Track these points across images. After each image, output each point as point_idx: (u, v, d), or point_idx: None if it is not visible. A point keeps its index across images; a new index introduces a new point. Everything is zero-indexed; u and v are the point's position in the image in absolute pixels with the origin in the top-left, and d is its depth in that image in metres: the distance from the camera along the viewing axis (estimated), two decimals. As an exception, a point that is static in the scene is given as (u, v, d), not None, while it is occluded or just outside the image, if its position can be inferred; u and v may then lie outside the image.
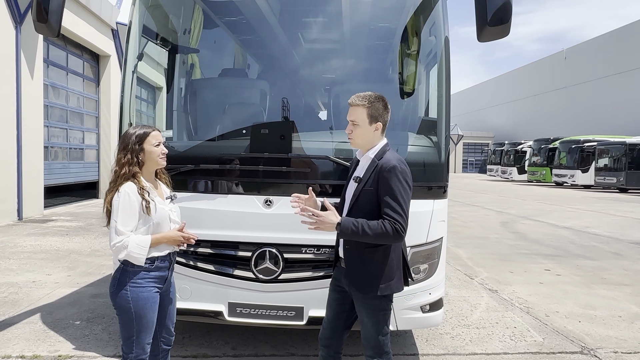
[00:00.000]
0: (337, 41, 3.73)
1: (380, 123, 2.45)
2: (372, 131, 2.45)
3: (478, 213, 14.53)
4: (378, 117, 2.44)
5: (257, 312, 3.25)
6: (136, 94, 3.65)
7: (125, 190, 2.35)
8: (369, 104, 2.41)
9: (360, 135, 2.46)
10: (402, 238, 2.35)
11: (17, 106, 9.62)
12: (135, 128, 2.47)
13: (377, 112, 2.43)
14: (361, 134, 2.45)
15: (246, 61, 4.19)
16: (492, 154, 44.21)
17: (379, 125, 2.45)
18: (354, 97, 2.45)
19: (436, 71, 3.49)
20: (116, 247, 2.32)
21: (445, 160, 3.41)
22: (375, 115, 2.43)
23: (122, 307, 2.39)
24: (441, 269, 3.41)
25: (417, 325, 3.42)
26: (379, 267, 2.44)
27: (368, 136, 2.46)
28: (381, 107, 2.44)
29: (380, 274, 2.43)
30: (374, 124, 2.43)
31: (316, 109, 3.51)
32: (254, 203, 3.22)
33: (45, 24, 2.92)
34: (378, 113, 2.43)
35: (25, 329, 4.06)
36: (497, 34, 2.76)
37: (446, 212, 3.49)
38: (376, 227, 2.29)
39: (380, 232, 2.28)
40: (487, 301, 5.26)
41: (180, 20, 3.85)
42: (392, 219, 2.30)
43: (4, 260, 6.45)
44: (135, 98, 3.64)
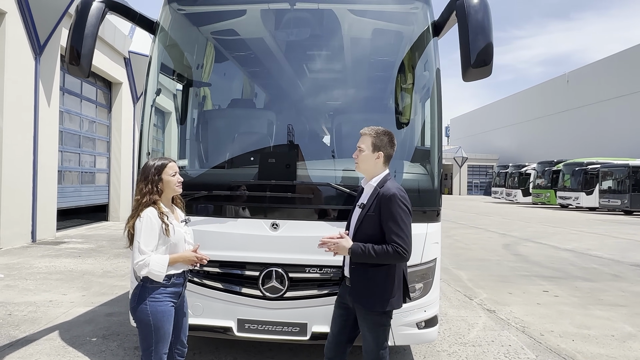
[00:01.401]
0: (337, 76, 4.08)
1: (382, 153, 2.76)
2: (374, 159, 2.76)
3: (481, 235, 14.68)
4: (381, 147, 2.75)
5: (264, 327, 3.50)
6: (154, 124, 3.99)
7: (148, 215, 2.64)
8: (375, 134, 2.76)
9: (363, 160, 2.79)
10: (405, 259, 2.62)
11: (34, 132, 10.05)
12: (154, 160, 2.78)
13: (381, 143, 2.75)
14: (364, 159, 2.78)
15: (254, 94, 4.54)
16: (497, 176, 44.39)
17: (380, 155, 2.76)
18: (365, 128, 2.82)
19: (429, 103, 3.80)
20: (139, 265, 2.60)
21: (439, 186, 3.69)
22: (378, 145, 2.75)
23: (142, 320, 2.66)
24: (435, 288, 3.65)
25: (413, 340, 3.63)
26: (381, 286, 2.70)
27: (370, 162, 2.77)
28: (386, 140, 2.76)
29: (383, 291, 2.70)
30: (376, 152, 2.75)
31: (319, 138, 3.82)
32: (262, 226, 3.50)
33: (78, 66, 3.27)
34: (382, 144, 2.75)
35: (46, 345, 4.30)
36: (480, 74, 3.07)
37: (440, 234, 3.75)
38: (380, 250, 2.59)
39: (384, 254, 2.58)
40: (484, 321, 5.45)
41: (194, 56, 4.24)
42: (395, 243, 2.59)
43: (22, 280, 6.73)
44: (154, 127, 3.98)
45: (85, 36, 3.27)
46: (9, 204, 9.34)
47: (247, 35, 4.23)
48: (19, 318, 5.06)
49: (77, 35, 3.27)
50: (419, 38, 3.82)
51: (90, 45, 3.29)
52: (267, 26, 4.00)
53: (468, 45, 3.03)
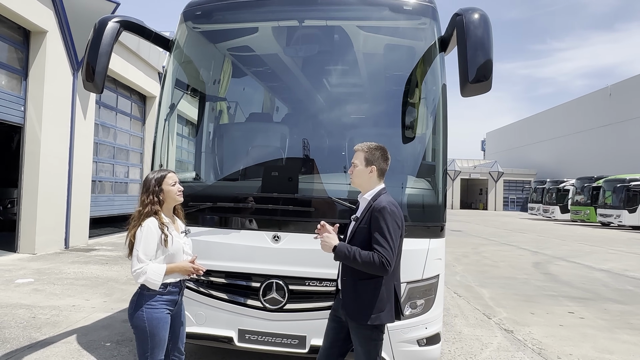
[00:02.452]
0: (341, 90, 4.13)
1: (374, 167, 2.78)
2: (367, 173, 2.79)
3: (511, 253, 14.25)
4: (373, 161, 2.78)
5: (264, 339, 3.54)
6: (167, 137, 4.14)
7: (148, 225, 2.75)
8: (367, 149, 2.80)
9: (357, 175, 2.83)
10: (386, 270, 2.61)
11: (70, 144, 10.57)
12: (153, 173, 2.90)
13: (373, 158, 2.78)
14: (358, 174, 2.82)
15: (260, 108, 4.65)
16: (534, 192, 43.02)
17: (373, 169, 2.78)
18: (359, 144, 2.86)
19: (434, 118, 3.79)
20: (136, 273, 2.70)
21: (443, 201, 3.65)
22: (370, 160, 2.78)
23: (138, 326, 2.75)
24: (438, 305, 3.60)
25: (414, 358, 3.57)
26: (370, 299, 2.71)
27: (364, 177, 2.81)
28: (378, 154, 2.79)
29: (372, 305, 2.70)
30: (369, 166, 2.79)
31: (322, 152, 3.87)
32: (263, 238, 3.56)
33: (92, 82, 3.46)
34: (374, 158, 2.78)
35: (62, 348, 4.49)
36: (479, 89, 3.05)
37: (443, 250, 3.70)
38: (365, 256, 2.60)
39: (368, 260, 2.59)
40: (499, 341, 5.29)
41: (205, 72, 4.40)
42: (379, 253, 2.59)
43: (50, 285, 7.04)
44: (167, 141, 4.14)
45: (100, 54, 3.46)
46: (45, 211, 9.82)
47: (258, 51, 4.35)
48: (41, 321, 5.29)
49: (93, 53, 3.46)
50: (426, 53, 3.84)
51: (104, 63, 3.48)
52: (276, 43, 4.11)
53: (466, 61, 3.03)
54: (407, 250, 3.33)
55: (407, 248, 3.36)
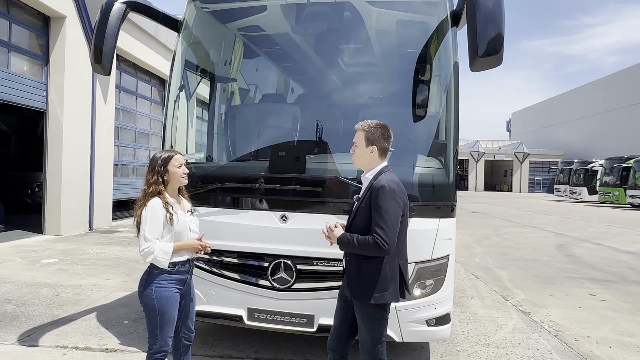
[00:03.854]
0: (353, 69, 4.05)
1: (375, 147, 2.72)
2: (368, 153, 2.74)
3: (535, 235, 13.99)
4: (374, 141, 2.72)
5: (272, 317, 3.57)
6: (177, 118, 4.16)
7: (153, 205, 2.78)
8: (367, 128, 2.73)
9: (358, 155, 2.78)
10: (384, 251, 2.57)
11: (91, 128, 10.77)
12: (160, 152, 2.91)
13: (373, 137, 2.72)
14: (359, 154, 2.78)
15: (266, 87, 4.61)
16: (560, 173, 41.97)
17: (374, 149, 2.73)
18: (358, 123, 2.80)
19: (445, 96, 3.70)
20: (144, 252, 2.74)
21: (454, 181, 3.58)
22: (371, 139, 2.72)
23: (148, 304, 2.81)
24: (448, 285, 3.56)
25: (423, 338, 3.56)
26: (373, 278, 2.68)
27: (364, 157, 2.75)
28: (378, 133, 2.73)
29: (375, 284, 2.68)
30: (370, 146, 2.73)
31: (329, 131, 3.81)
32: (271, 218, 3.57)
33: (100, 64, 3.48)
34: (374, 137, 2.72)
35: (82, 325, 4.64)
36: (488, 64, 2.94)
37: (454, 230, 3.64)
38: (363, 241, 2.59)
39: (366, 244, 2.57)
40: (515, 322, 5.22)
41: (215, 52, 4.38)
42: (375, 234, 2.56)
43: (73, 265, 7.27)
44: (177, 122, 4.16)
45: (107, 36, 3.48)
46: (69, 194, 10.09)
47: (267, 30, 4.30)
48: (64, 299, 5.48)
49: (100, 34, 3.48)
50: (438, 28, 3.72)
51: (111, 44, 3.49)
52: (285, 21, 4.04)
53: (476, 34, 2.92)
54: (416, 230, 3.31)
55: (416, 228, 3.33)
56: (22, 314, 4.93)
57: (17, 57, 9.15)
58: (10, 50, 8.94)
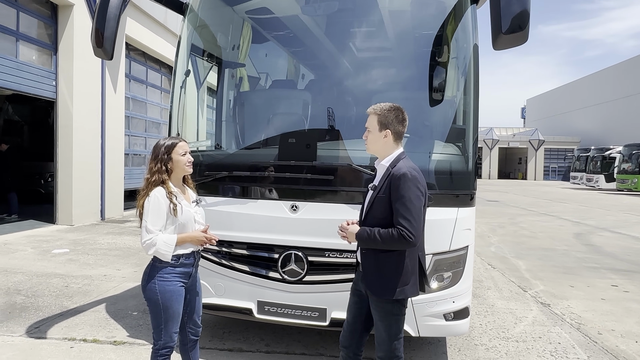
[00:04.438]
0: (366, 52, 3.84)
1: (389, 131, 2.54)
2: (382, 138, 2.55)
3: (551, 223, 13.69)
4: (388, 124, 2.54)
5: (283, 311, 3.44)
6: (183, 105, 4.02)
7: (155, 195, 2.64)
8: (380, 112, 2.54)
9: (371, 141, 2.60)
10: (410, 243, 2.41)
11: (101, 118, 10.71)
12: (164, 140, 2.77)
13: (387, 120, 2.53)
14: (372, 140, 2.59)
15: (275, 73, 4.42)
16: (577, 160, 41.17)
17: (387, 133, 2.54)
18: (371, 107, 2.60)
19: (465, 79, 3.49)
20: (146, 244, 2.61)
21: (473, 168, 3.39)
22: (384, 123, 2.53)
23: (151, 298, 2.68)
24: (467, 278, 3.38)
25: (440, 333, 3.41)
26: (393, 272, 2.52)
27: (378, 143, 2.57)
28: (392, 116, 2.54)
29: (395, 278, 2.52)
30: (383, 130, 2.54)
31: (340, 117, 3.64)
32: (281, 208, 3.42)
33: (101, 48, 3.34)
34: (387, 121, 2.53)
35: (91, 317, 4.57)
36: (513, 41, 2.73)
37: (473, 220, 3.46)
38: (386, 234, 2.41)
39: (390, 238, 2.40)
40: (535, 315, 5.03)
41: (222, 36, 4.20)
42: (400, 226, 2.38)
43: (84, 255, 7.23)
44: (183, 109, 4.02)
45: (109, 19, 3.32)
46: (80, 184, 10.07)
47: (277, 12, 4.11)
48: (74, 290, 5.42)
49: (101, 17, 3.32)
50: (456, 6, 3.51)
51: (113, 27, 3.33)
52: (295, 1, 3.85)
53: (499, 9, 2.70)
54: (433, 220, 3.13)
55: (434, 218, 3.16)
56: (32, 304, 4.88)
57: (25, 46, 9.08)
58: (18, 40, 8.86)
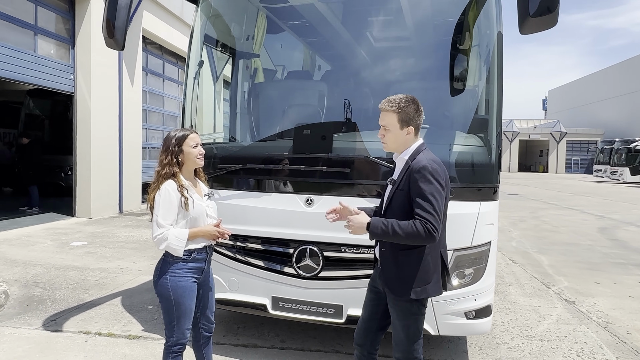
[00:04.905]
0: (384, 40, 3.70)
1: (412, 127, 2.41)
2: (404, 135, 2.42)
3: (574, 217, 13.33)
4: (409, 121, 2.40)
5: (298, 307, 3.36)
6: (197, 97, 3.94)
7: (166, 188, 2.57)
8: (399, 109, 2.39)
9: (392, 140, 2.45)
10: (434, 239, 2.28)
11: (119, 111, 10.75)
12: (175, 131, 2.69)
13: (408, 117, 2.39)
14: (393, 138, 2.44)
15: (290, 63, 4.31)
16: (600, 152, 40.13)
17: (410, 130, 2.41)
18: (384, 102, 2.44)
19: (487, 68, 3.33)
20: (157, 239, 2.54)
21: (496, 160, 3.24)
22: (406, 120, 2.40)
23: (163, 294, 2.62)
24: (489, 275, 3.25)
25: (461, 331, 3.28)
26: (414, 270, 2.40)
27: (400, 140, 2.44)
28: (412, 110, 2.40)
29: (416, 276, 2.39)
30: (405, 128, 2.40)
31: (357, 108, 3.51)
32: (296, 201, 3.32)
33: (113, 38, 3.27)
34: (409, 117, 2.39)
35: (107, 310, 4.56)
36: (542, 25, 2.56)
37: (496, 215, 3.31)
38: (407, 227, 2.26)
39: (412, 231, 2.24)
40: (559, 312, 4.86)
41: (235, 26, 4.09)
42: (422, 219, 2.25)
43: (101, 248, 7.27)
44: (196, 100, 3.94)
45: (119, 8, 3.26)
46: (98, 177, 10.15)
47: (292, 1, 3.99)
48: (90, 283, 5.44)
49: (112, 7, 3.26)
50: (479, -9, 3.33)
51: (124, 17, 3.27)
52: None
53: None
54: (454, 215, 3.00)
55: (455, 212, 3.02)
56: (49, 297, 4.90)
57: (44, 40, 9.14)
58: (36, 34, 8.92)
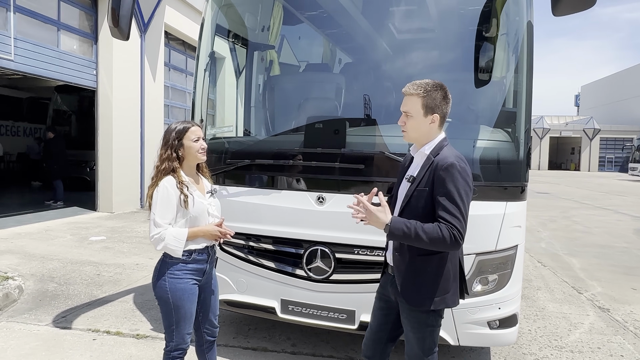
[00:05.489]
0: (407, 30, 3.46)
1: (437, 115, 2.17)
2: (428, 124, 2.18)
3: (608, 218, 12.72)
4: (435, 108, 2.16)
5: (308, 311, 3.17)
6: (207, 90, 3.80)
7: (164, 185, 2.42)
8: (425, 93, 2.15)
9: (413, 127, 2.21)
10: (458, 246, 2.05)
11: (140, 107, 10.78)
12: (176, 124, 2.53)
13: (434, 103, 2.16)
14: (415, 126, 2.20)
15: (302, 54, 4.11)
16: (637, 150, 38.53)
17: (435, 118, 2.17)
18: (409, 86, 2.21)
19: (516, 58, 3.06)
20: (154, 239, 2.40)
21: (525, 157, 2.97)
22: (431, 106, 2.16)
23: (161, 297, 2.47)
24: (515, 281, 2.99)
25: (483, 342, 3.03)
26: (432, 278, 2.18)
27: (423, 129, 2.20)
28: (439, 97, 2.16)
29: (435, 286, 2.17)
30: (429, 115, 2.17)
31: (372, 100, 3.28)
32: (307, 199, 3.13)
33: (117, 27, 3.15)
34: (435, 104, 2.16)
35: (118, 307, 4.49)
36: (577, 5, 2.29)
37: (524, 216, 3.05)
38: (432, 231, 2.02)
39: (437, 237, 2.02)
40: (592, 321, 4.53)
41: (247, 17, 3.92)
42: (448, 224, 2.02)
43: (119, 243, 7.26)
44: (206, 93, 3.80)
45: (124, -4, 3.12)
46: (120, 172, 10.20)
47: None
48: (105, 279, 5.39)
49: (117, -5, 3.12)
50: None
51: (128, 5, 3.14)
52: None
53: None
54: (477, 216, 2.76)
55: (478, 213, 2.78)
56: (62, 293, 4.87)
57: (67, 35, 9.21)
58: (59, 29, 8.99)
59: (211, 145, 3.25)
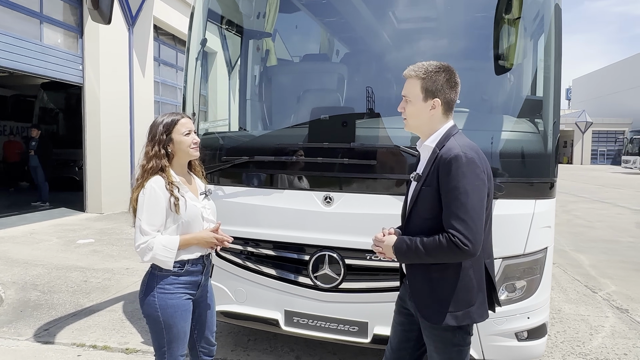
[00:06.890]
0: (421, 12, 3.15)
1: (438, 100, 1.87)
2: (428, 110, 1.88)
3: (608, 211, 12.55)
4: (435, 91, 1.86)
5: (315, 323, 2.87)
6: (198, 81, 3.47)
7: (152, 186, 2.10)
8: (425, 74, 1.86)
9: (412, 114, 1.92)
10: (466, 253, 1.74)
11: (130, 103, 10.37)
12: (163, 116, 2.22)
13: (435, 86, 1.85)
14: (413, 112, 1.91)
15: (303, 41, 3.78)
16: (629, 142, 38.60)
17: (436, 103, 1.87)
18: (409, 67, 1.92)
19: (543, 43, 2.76)
20: (140, 249, 2.07)
21: (553, 150, 2.68)
22: (431, 90, 1.86)
23: (150, 315, 2.15)
24: (545, 288, 2.71)
25: (510, 355, 2.74)
26: (452, 289, 1.87)
27: (422, 116, 1.90)
28: (442, 80, 1.86)
29: (455, 298, 1.86)
30: (429, 100, 1.87)
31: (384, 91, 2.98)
32: (312, 200, 2.82)
33: (97, 9, 2.81)
34: (436, 87, 1.85)
35: (106, 317, 4.16)
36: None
37: (553, 215, 2.76)
38: (431, 245, 1.78)
39: (436, 249, 1.77)
40: (612, 323, 4.27)
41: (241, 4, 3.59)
42: (453, 229, 1.73)
43: (109, 246, 6.91)
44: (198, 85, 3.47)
45: (105, -26, 2.78)
46: (109, 172, 9.82)
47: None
48: (92, 285, 5.05)
49: (96, -26, 2.78)
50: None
51: (109, -15, 2.80)
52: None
53: None
54: (503, 216, 2.48)
55: (504, 212, 2.50)
56: (46, 302, 4.52)
57: (50, 29, 8.79)
58: (42, 22, 8.57)
59: (205, 140, 2.94)
